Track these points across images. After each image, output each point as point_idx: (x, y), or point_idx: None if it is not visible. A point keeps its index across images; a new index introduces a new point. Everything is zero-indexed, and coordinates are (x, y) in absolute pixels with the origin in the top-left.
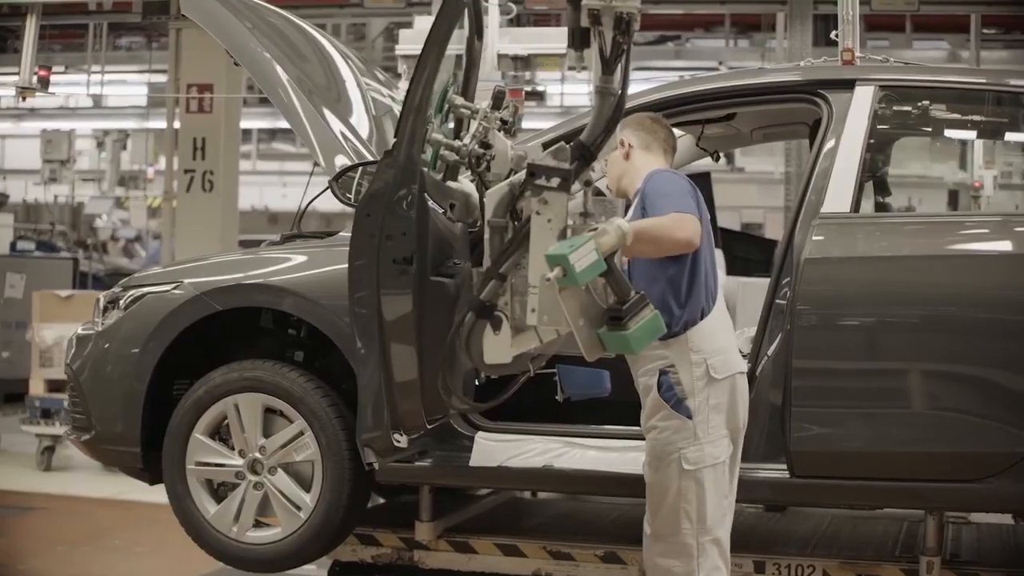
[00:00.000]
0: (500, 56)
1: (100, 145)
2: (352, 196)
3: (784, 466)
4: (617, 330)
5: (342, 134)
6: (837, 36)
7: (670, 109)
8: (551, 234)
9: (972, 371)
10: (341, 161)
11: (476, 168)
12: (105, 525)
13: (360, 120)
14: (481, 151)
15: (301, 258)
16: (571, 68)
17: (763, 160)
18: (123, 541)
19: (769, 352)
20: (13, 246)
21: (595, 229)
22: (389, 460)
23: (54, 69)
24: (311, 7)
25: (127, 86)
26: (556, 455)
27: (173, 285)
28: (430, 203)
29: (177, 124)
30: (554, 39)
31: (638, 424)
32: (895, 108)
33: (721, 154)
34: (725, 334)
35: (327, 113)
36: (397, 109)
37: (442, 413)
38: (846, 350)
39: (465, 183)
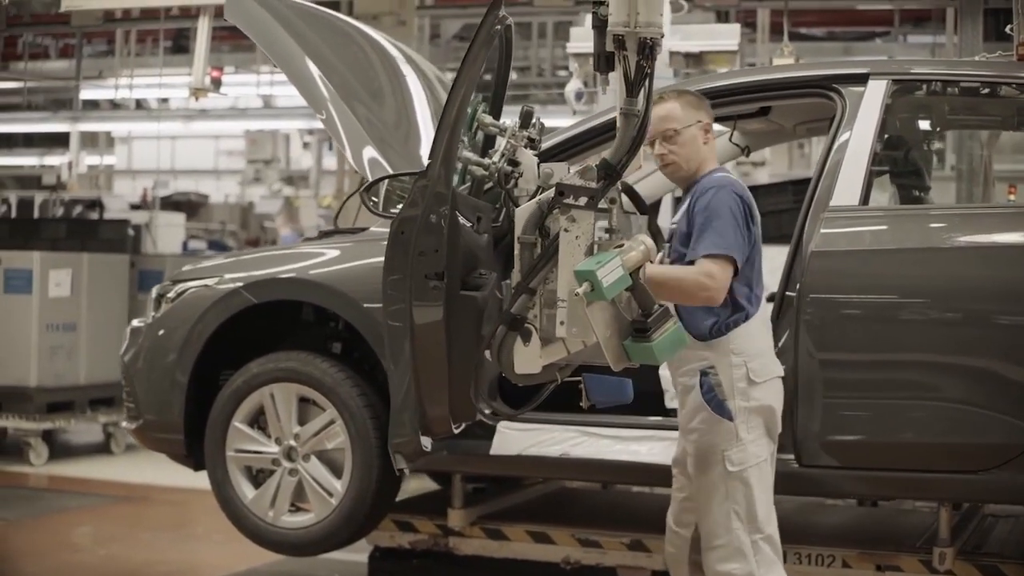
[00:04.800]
0: (672, 53)
1: (306, 146)
2: (379, 203)
3: (792, 456)
4: (642, 341)
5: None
6: (1011, 30)
7: None
8: (579, 250)
9: (977, 363)
10: (370, 153)
11: (504, 185)
12: (195, 513)
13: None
14: (509, 169)
15: (334, 253)
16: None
17: None
18: (206, 528)
19: (779, 343)
20: (185, 245)
21: (621, 246)
22: (417, 464)
23: (224, 70)
24: (479, 6)
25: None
26: (573, 444)
27: (215, 279)
28: (460, 219)
29: None
30: (726, 35)
31: (652, 415)
32: (907, 101)
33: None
34: (766, 337)
35: (380, 140)
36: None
37: (469, 419)
38: (852, 342)
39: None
